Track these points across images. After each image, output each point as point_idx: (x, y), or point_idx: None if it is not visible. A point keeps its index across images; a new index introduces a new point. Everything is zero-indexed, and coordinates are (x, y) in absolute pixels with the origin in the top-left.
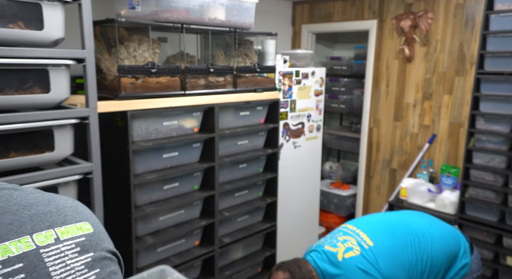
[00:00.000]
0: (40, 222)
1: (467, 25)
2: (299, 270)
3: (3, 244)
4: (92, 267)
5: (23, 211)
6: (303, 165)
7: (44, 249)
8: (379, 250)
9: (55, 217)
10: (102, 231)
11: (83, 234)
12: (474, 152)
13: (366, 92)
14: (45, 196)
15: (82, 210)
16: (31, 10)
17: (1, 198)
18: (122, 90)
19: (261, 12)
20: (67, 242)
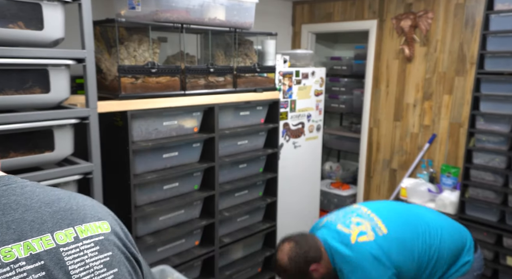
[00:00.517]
0: (60, 219)
1: (467, 25)
2: (305, 242)
3: (26, 241)
4: (111, 266)
5: (45, 208)
6: (303, 165)
7: (64, 247)
8: (392, 239)
9: (75, 214)
10: (121, 232)
11: (102, 233)
12: (474, 152)
13: (366, 92)
14: (65, 193)
15: (100, 209)
16: (31, 10)
17: (24, 195)
18: (122, 90)
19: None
20: (86, 241)
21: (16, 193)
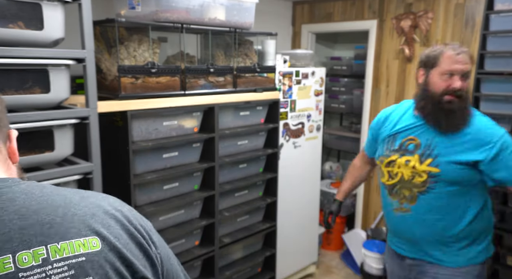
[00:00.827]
0: (32, 236)
1: (467, 25)
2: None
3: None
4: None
5: (17, 221)
6: (303, 165)
7: (25, 272)
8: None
9: (55, 229)
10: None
11: (85, 253)
12: None
13: (366, 92)
14: (58, 200)
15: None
16: (31, 10)
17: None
18: (122, 90)
19: (261, 12)
20: (57, 264)
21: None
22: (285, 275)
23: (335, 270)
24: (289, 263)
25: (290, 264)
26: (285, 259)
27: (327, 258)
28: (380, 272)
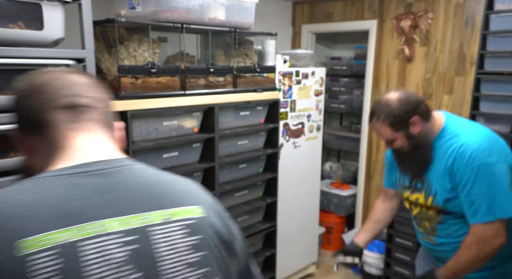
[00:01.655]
0: (156, 201)
1: (467, 25)
2: (417, 94)
3: (122, 217)
4: (200, 248)
5: (144, 190)
6: (303, 165)
7: (153, 227)
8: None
9: (171, 198)
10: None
11: (194, 217)
12: None
13: (366, 92)
14: (167, 178)
15: (197, 194)
16: (31, 10)
17: (129, 177)
18: (122, 90)
19: (261, 12)
20: (176, 223)
21: (123, 175)
22: (285, 275)
23: (335, 270)
24: (289, 263)
25: (290, 264)
26: (285, 259)
27: (327, 258)
28: (380, 272)
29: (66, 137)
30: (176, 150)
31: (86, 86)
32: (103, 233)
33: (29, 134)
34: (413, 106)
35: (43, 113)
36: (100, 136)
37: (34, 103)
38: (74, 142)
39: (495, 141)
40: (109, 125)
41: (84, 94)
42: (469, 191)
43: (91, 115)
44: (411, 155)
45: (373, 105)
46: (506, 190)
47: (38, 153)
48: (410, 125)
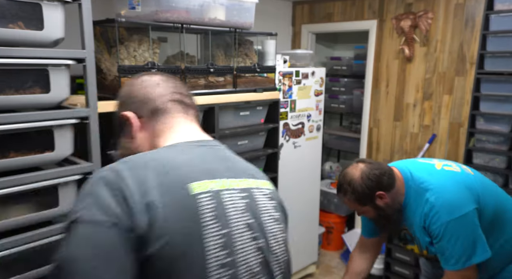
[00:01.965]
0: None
1: (467, 25)
2: (381, 166)
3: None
4: (277, 209)
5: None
6: (303, 165)
7: (254, 190)
8: (477, 180)
9: (256, 174)
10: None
11: (270, 189)
12: (474, 152)
13: (366, 92)
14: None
15: (262, 174)
16: (31, 10)
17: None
18: None
19: (261, 12)
20: (263, 190)
21: (225, 150)
22: None
23: (335, 270)
24: None
25: None
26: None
27: (327, 258)
28: (380, 272)
29: (179, 122)
30: None
31: (186, 90)
32: (230, 188)
33: (144, 116)
34: (375, 182)
35: (164, 102)
36: (196, 127)
37: (153, 93)
38: (185, 126)
39: (456, 187)
40: (198, 122)
41: (186, 94)
42: (439, 244)
43: (192, 111)
44: (383, 223)
45: (339, 179)
46: (471, 240)
47: (145, 132)
48: (376, 199)
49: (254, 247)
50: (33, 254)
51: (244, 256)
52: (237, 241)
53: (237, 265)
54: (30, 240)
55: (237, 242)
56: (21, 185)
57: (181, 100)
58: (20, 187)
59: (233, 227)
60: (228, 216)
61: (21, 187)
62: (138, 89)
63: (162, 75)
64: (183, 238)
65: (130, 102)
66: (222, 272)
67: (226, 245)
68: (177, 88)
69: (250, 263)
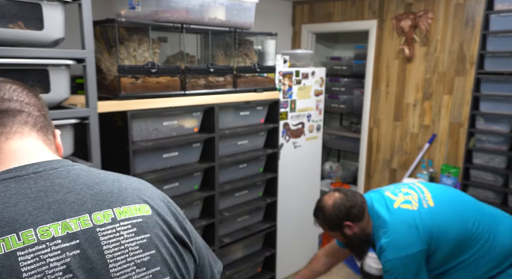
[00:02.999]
0: (100, 201)
1: (467, 25)
2: (354, 199)
3: (64, 221)
4: (147, 248)
5: (86, 190)
6: (303, 165)
7: (101, 228)
8: (436, 213)
9: (115, 197)
10: (169, 214)
11: (141, 216)
12: (474, 152)
13: (366, 92)
14: (111, 176)
15: (146, 192)
16: (31, 10)
17: (69, 178)
18: (122, 90)
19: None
20: (123, 222)
21: (61, 176)
22: (285, 275)
23: (335, 270)
24: (289, 263)
25: (290, 264)
26: (285, 259)
27: None
28: (380, 272)
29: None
30: (176, 150)
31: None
32: (41, 240)
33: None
34: (344, 213)
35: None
36: (28, 138)
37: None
38: (3, 147)
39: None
40: (41, 128)
41: (9, 98)
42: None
43: (18, 118)
44: (351, 248)
45: (316, 204)
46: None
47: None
48: (344, 227)
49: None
50: None
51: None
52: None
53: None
54: None
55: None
56: None
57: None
58: None
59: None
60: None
61: None
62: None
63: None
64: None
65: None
66: None
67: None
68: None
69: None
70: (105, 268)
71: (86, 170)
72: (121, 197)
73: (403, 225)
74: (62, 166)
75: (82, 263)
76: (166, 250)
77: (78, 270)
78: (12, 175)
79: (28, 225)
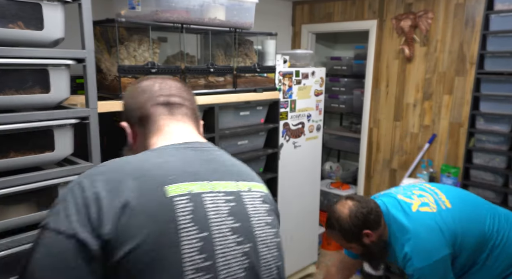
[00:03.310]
0: (241, 175)
1: (467, 25)
2: (368, 204)
3: (224, 182)
4: (269, 214)
5: (232, 166)
6: (303, 165)
7: (243, 192)
8: (456, 214)
9: (248, 175)
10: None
11: (263, 192)
12: (474, 152)
13: (366, 92)
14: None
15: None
16: (31, 10)
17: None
18: (122, 90)
19: (261, 12)
20: (255, 193)
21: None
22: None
23: None
24: (289, 263)
25: (290, 264)
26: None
27: (327, 258)
28: (380, 272)
29: (165, 124)
30: None
31: (176, 89)
32: (214, 191)
33: (135, 123)
34: (362, 221)
35: (147, 108)
36: (188, 125)
37: (139, 101)
38: (172, 127)
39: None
40: (195, 119)
41: (174, 94)
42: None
43: (181, 110)
44: (368, 258)
45: (327, 214)
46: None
47: (139, 138)
48: (363, 237)
49: (238, 252)
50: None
51: (226, 261)
52: (218, 245)
53: (217, 270)
54: (30, 240)
55: (218, 246)
56: (21, 185)
57: (166, 101)
58: (20, 187)
59: (213, 231)
60: (209, 219)
61: (21, 187)
62: (129, 99)
63: (148, 80)
64: (157, 240)
65: (125, 112)
66: (199, 276)
67: (204, 249)
68: (163, 90)
69: (232, 268)
70: (248, 219)
71: (224, 153)
72: (250, 176)
73: (427, 229)
74: (211, 147)
75: (235, 212)
76: (277, 219)
77: (235, 215)
78: (188, 146)
79: (205, 179)
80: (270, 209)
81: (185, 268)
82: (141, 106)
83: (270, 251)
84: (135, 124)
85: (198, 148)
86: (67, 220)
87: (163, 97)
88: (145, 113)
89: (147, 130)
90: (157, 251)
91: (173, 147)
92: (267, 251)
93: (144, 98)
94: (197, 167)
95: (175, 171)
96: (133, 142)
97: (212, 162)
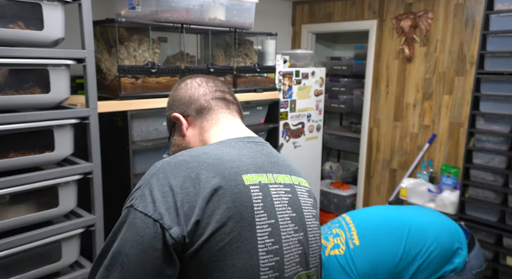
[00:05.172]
0: (291, 169)
1: (467, 25)
2: None
3: (282, 175)
4: (314, 207)
5: (283, 161)
6: (303, 165)
7: (295, 186)
8: (362, 250)
9: (296, 171)
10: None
11: (307, 187)
12: (474, 152)
13: (366, 92)
14: (286, 157)
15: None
16: (31, 10)
17: (271, 150)
18: (122, 90)
19: (261, 12)
20: (302, 188)
21: (269, 147)
22: None
23: None
24: None
25: None
26: None
27: None
28: None
29: (223, 117)
30: None
31: (226, 87)
32: (277, 182)
33: (190, 114)
34: None
35: (207, 100)
36: (240, 121)
37: (196, 93)
38: (230, 121)
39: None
40: (242, 116)
41: (227, 91)
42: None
43: (234, 106)
44: None
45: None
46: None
47: (194, 129)
48: None
49: (296, 239)
50: (33, 254)
51: (288, 246)
52: (282, 232)
53: (282, 253)
54: (30, 240)
55: (282, 233)
56: (21, 185)
57: (223, 97)
58: (20, 187)
59: (279, 219)
60: (275, 207)
61: (21, 187)
62: (183, 92)
63: (202, 77)
64: (238, 223)
65: (178, 105)
66: (268, 258)
67: (272, 234)
68: (218, 86)
69: (292, 253)
70: (301, 211)
71: (269, 146)
72: (298, 171)
73: (335, 273)
74: (264, 141)
75: (292, 203)
76: (318, 214)
77: (292, 206)
78: (250, 140)
79: (268, 171)
80: (314, 203)
81: (260, 249)
82: (199, 98)
83: (316, 241)
84: (190, 115)
85: (258, 142)
86: (153, 205)
87: (220, 92)
88: (205, 105)
89: (205, 122)
90: (238, 232)
91: (239, 140)
92: (314, 240)
93: (201, 92)
94: (260, 160)
95: (246, 162)
96: (186, 133)
97: (270, 156)
